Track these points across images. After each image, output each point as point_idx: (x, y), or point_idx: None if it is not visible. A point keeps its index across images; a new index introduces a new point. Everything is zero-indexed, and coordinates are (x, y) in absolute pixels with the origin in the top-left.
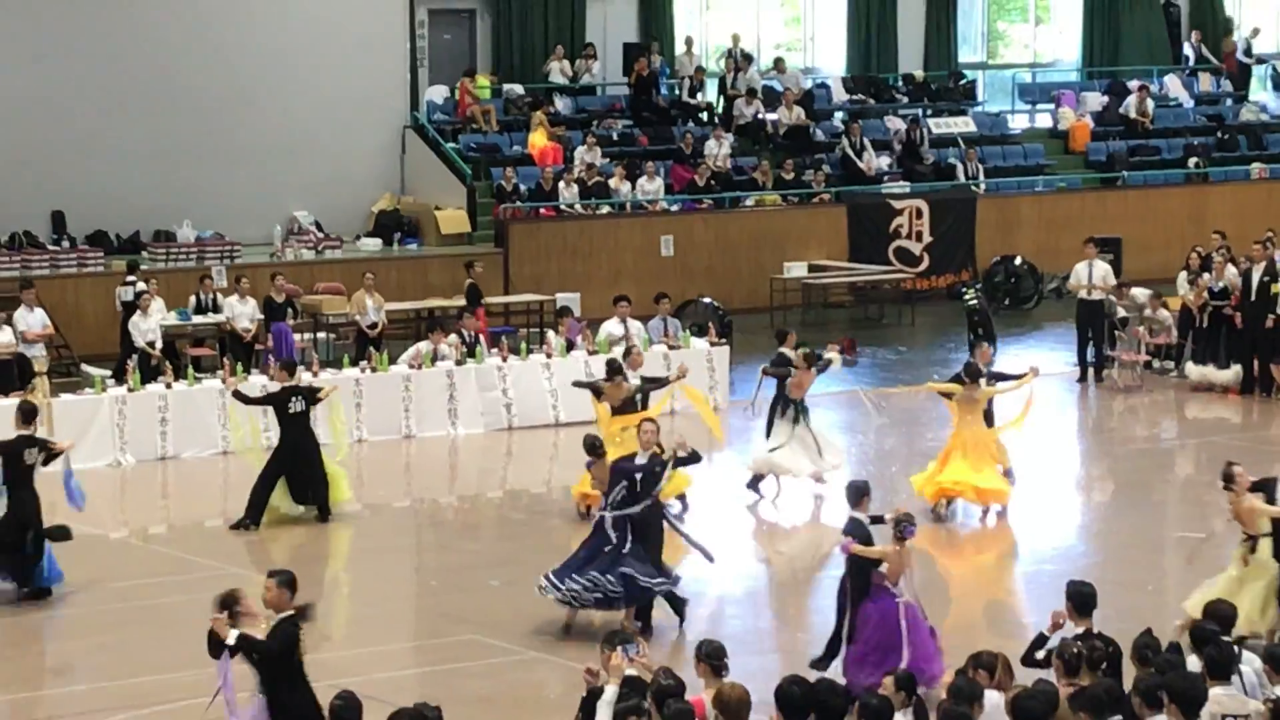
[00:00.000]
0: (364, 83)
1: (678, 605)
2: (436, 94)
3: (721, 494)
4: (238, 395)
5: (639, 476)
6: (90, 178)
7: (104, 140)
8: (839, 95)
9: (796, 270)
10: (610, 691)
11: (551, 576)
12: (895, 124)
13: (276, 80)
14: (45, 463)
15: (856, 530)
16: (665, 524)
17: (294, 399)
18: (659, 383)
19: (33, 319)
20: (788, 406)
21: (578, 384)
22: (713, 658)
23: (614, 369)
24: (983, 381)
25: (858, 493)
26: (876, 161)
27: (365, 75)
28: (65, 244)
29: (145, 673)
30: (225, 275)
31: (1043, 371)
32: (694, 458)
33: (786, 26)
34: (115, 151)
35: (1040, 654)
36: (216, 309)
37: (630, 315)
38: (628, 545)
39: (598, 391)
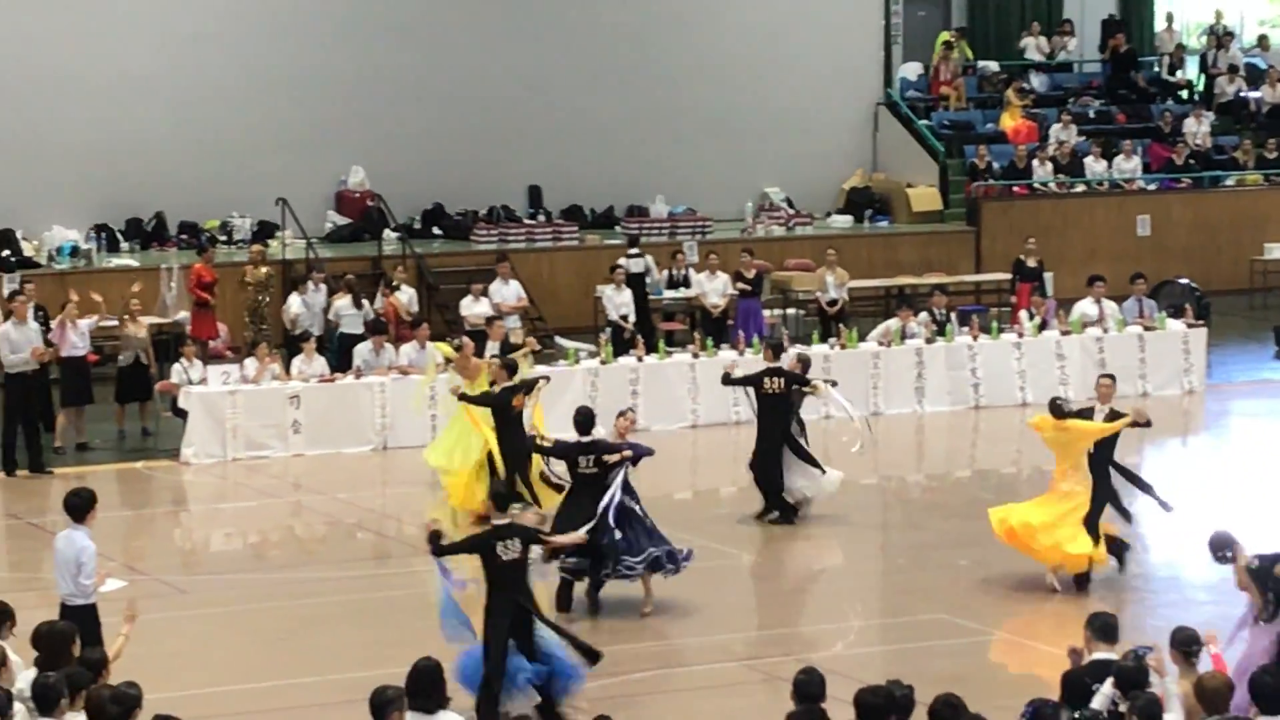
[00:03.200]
0: (838, 59)
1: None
2: (910, 71)
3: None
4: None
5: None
6: (567, 153)
7: (581, 117)
8: None
9: (1278, 252)
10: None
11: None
12: None
13: (751, 57)
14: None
15: None
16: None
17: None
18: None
19: (508, 291)
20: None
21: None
22: (1185, 645)
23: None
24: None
25: None
26: None
27: (839, 52)
28: (541, 218)
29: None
30: (696, 251)
31: None
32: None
33: (1271, 2)
34: (591, 128)
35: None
36: (687, 284)
37: (1105, 295)
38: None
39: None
